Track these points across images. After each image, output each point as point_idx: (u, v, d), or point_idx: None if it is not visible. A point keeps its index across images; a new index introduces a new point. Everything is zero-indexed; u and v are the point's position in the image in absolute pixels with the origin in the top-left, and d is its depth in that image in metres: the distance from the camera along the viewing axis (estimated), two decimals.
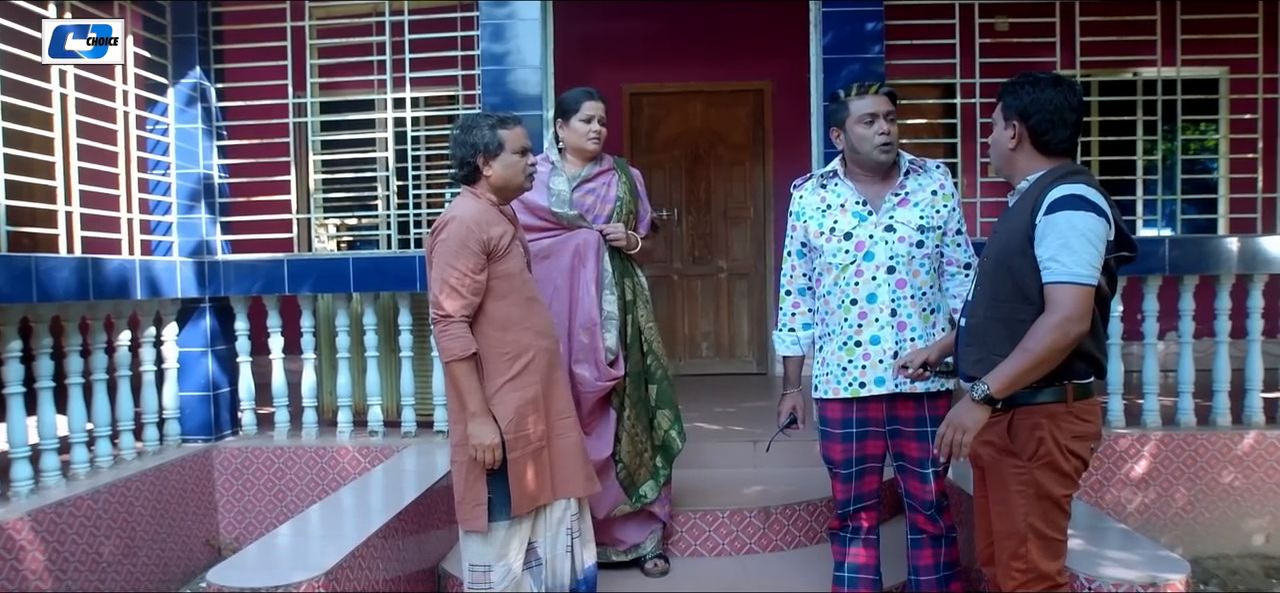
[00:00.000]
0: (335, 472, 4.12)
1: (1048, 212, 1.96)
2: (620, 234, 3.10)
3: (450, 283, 2.37)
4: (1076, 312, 1.91)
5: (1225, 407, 4.06)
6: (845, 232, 2.51)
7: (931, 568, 2.58)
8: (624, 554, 3.25)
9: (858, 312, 2.49)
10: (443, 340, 2.38)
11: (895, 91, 2.55)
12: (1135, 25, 4.14)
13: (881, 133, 2.46)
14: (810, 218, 2.58)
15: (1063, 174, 2.03)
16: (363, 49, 4.29)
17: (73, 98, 3.56)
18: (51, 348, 3.46)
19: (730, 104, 6.50)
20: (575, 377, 3.03)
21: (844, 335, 2.51)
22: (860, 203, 2.51)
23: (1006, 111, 2.11)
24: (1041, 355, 1.92)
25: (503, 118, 2.53)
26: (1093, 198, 1.95)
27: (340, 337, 4.27)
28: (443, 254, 2.39)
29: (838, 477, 2.59)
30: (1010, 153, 2.12)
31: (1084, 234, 1.92)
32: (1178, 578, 2.28)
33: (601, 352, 3.04)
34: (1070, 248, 1.91)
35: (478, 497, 2.43)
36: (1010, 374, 1.95)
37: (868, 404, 2.51)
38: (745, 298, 6.56)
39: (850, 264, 2.49)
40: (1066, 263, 1.92)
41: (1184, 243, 4.04)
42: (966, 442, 2.00)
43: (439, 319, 2.39)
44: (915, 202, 2.50)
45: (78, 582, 3.27)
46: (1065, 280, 1.92)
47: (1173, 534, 4.01)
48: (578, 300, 3.06)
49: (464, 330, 2.39)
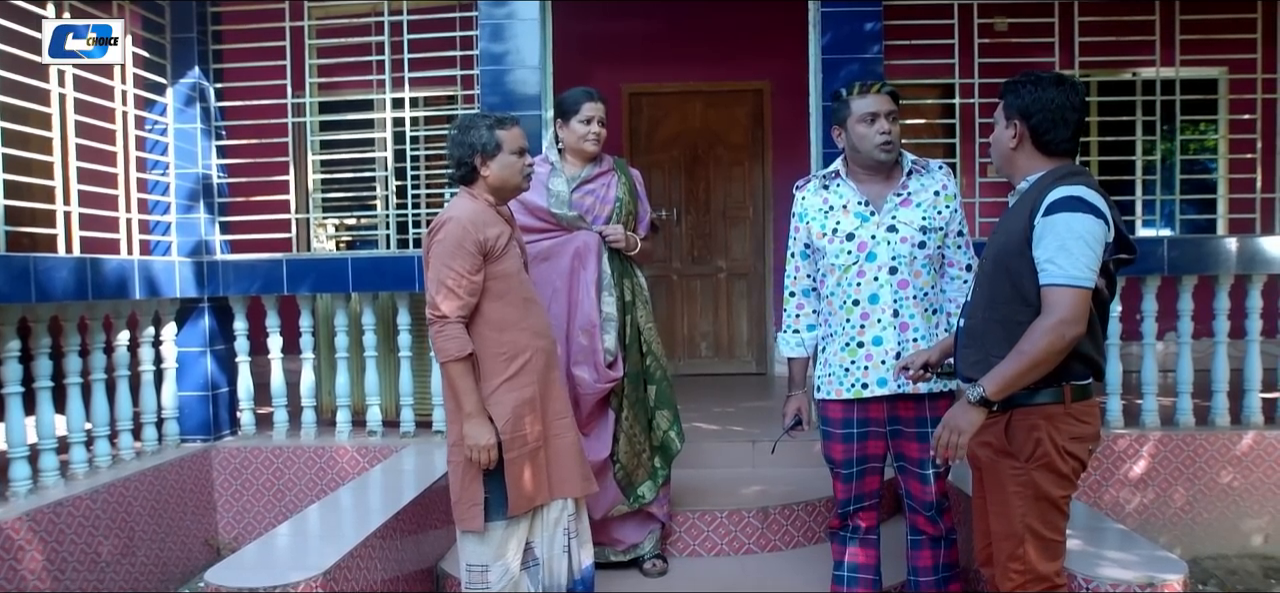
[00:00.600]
0: (334, 472, 4.12)
1: (1046, 213, 1.95)
2: (619, 236, 3.10)
3: (447, 284, 2.37)
4: (1072, 314, 1.90)
5: (1224, 407, 4.06)
6: (847, 232, 2.50)
7: (930, 569, 2.58)
8: (622, 555, 3.25)
9: (860, 313, 2.49)
10: (439, 341, 2.38)
11: (897, 91, 2.54)
12: (1134, 25, 4.14)
13: (882, 132, 2.45)
14: (813, 219, 2.58)
15: (1063, 175, 2.02)
16: (362, 49, 4.29)
17: (71, 98, 3.56)
18: (50, 348, 3.46)
19: (729, 104, 6.49)
20: (574, 379, 3.03)
21: (846, 336, 2.51)
22: (862, 203, 2.51)
23: (1008, 110, 2.10)
24: (1037, 358, 1.92)
25: (500, 118, 2.52)
26: (1092, 200, 1.95)
27: (339, 337, 4.27)
28: (439, 254, 2.39)
29: (839, 476, 2.59)
30: (1011, 152, 2.11)
31: (1082, 237, 1.91)
32: (1175, 578, 2.28)
33: (600, 354, 3.04)
34: (1067, 250, 1.91)
35: (474, 497, 2.43)
36: (1006, 376, 1.94)
37: (869, 405, 2.51)
38: (744, 298, 6.56)
39: (852, 265, 2.49)
40: (1063, 266, 1.91)
41: (1182, 243, 4.04)
42: (963, 444, 2.00)
43: (435, 320, 2.39)
44: (918, 202, 2.50)
45: (76, 582, 3.27)
46: (1062, 283, 1.91)
47: (1171, 535, 4.01)
48: (577, 302, 3.06)
49: (460, 331, 2.39)
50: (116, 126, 3.86)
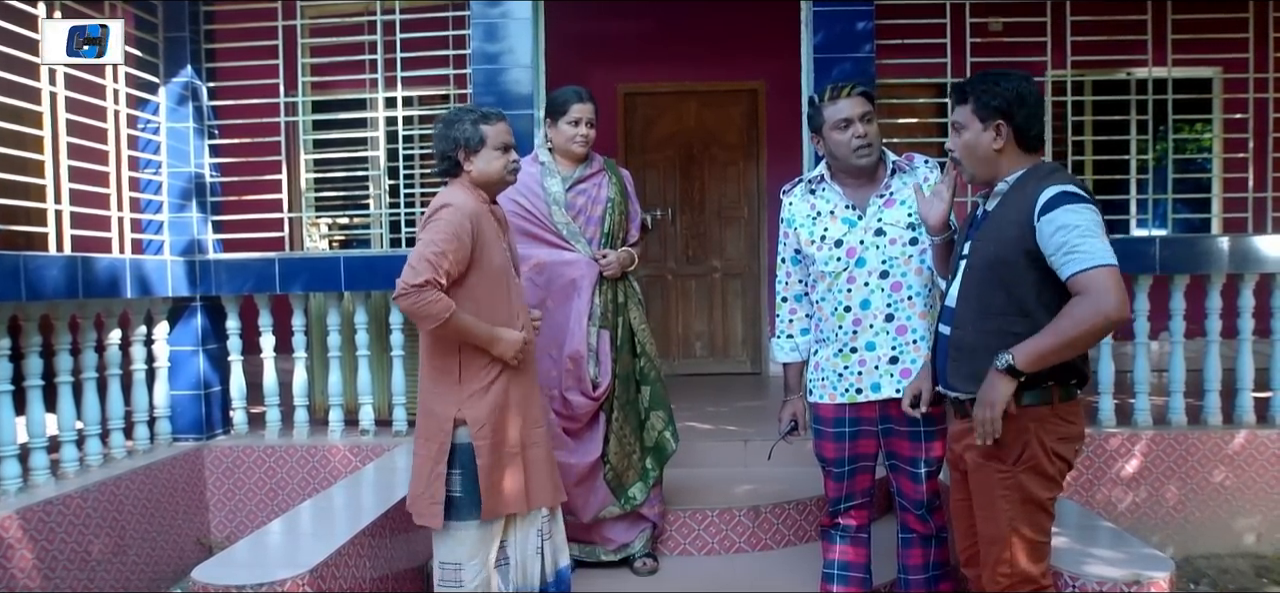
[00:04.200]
0: (326, 471, 4.12)
1: (1045, 211, 1.93)
2: (616, 267, 3.12)
3: (430, 258, 2.27)
4: (1115, 294, 1.84)
5: (1216, 406, 4.07)
6: (836, 239, 2.49)
7: (920, 568, 2.58)
8: (613, 554, 3.25)
9: (852, 319, 2.48)
10: (424, 307, 2.26)
11: (872, 91, 2.53)
12: (1127, 25, 4.14)
13: (857, 137, 2.42)
14: (800, 226, 2.56)
15: (1044, 173, 2.01)
16: (354, 48, 4.29)
17: (63, 96, 3.56)
18: (40, 346, 3.46)
19: (724, 104, 6.49)
20: (568, 401, 3.07)
21: (839, 342, 2.50)
22: (849, 207, 2.50)
23: (983, 112, 2.05)
24: (1076, 338, 1.88)
25: (485, 113, 2.48)
26: (1084, 194, 1.94)
27: (332, 336, 4.27)
28: (435, 229, 2.33)
29: (830, 475, 2.59)
30: (994, 154, 2.06)
31: (1095, 224, 1.90)
32: (1162, 576, 2.28)
33: (587, 381, 3.08)
34: (1087, 236, 1.88)
35: (436, 495, 2.38)
36: (1040, 350, 1.89)
37: (862, 405, 2.50)
38: (739, 298, 6.56)
39: (842, 272, 2.48)
40: (1088, 250, 1.87)
41: (1175, 242, 4.04)
42: (997, 416, 1.94)
43: (414, 288, 2.26)
44: (901, 200, 2.48)
45: (67, 581, 3.27)
46: (1093, 266, 1.86)
47: (1164, 534, 4.01)
48: (569, 331, 3.08)
49: (440, 293, 2.29)
50: (108, 125, 3.86)
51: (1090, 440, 3.96)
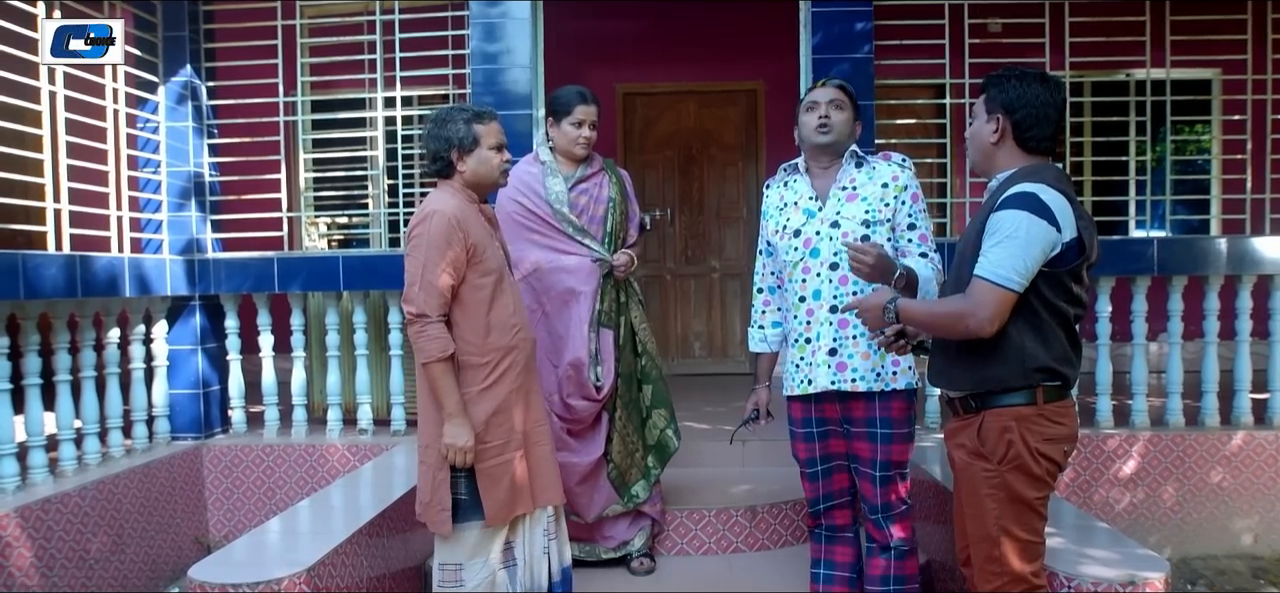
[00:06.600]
0: (325, 470, 4.12)
1: (998, 208, 1.94)
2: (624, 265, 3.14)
3: (427, 278, 2.31)
4: (984, 311, 1.90)
5: (1214, 407, 4.07)
6: (794, 229, 2.51)
7: (878, 579, 2.50)
8: (612, 551, 3.26)
9: (806, 308, 2.48)
10: (420, 341, 2.33)
11: (851, 89, 2.56)
12: (1126, 26, 4.14)
13: (820, 118, 2.48)
14: (770, 216, 2.60)
15: (1030, 173, 2.00)
16: (354, 48, 4.29)
17: (62, 95, 3.56)
18: (39, 345, 3.46)
19: (723, 104, 6.50)
20: (570, 406, 3.08)
21: (797, 332, 2.52)
22: (812, 198, 2.52)
23: (990, 104, 2.08)
24: (935, 323, 2.03)
25: (478, 112, 2.46)
26: (1046, 199, 1.90)
27: (330, 335, 4.27)
28: (423, 247, 2.32)
29: (805, 475, 2.60)
30: (991, 147, 2.08)
31: (1021, 237, 1.88)
32: (1157, 577, 2.28)
33: (588, 386, 3.09)
34: (1003, 247, 1.89)
35: (443, 501, 2.39)
36: (914, 312, 2.06)
37: (824, 404, 2.50)
38: (737, 297, 6.56)
39: (799, 262, 2.49)
40: (993, 260, 1.90)
41: (1172, 243, 4.04)
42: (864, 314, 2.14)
43: (414, 320, 2.33)
44: (863, 195, 2.48)
45: (65, 579, 3.27)
46: (985, 277, 1.91)
47: (1161, 534, 4.01)
48: (570, 336, 3.08)
49: (442, 330, 2.34)
50: (108, 125, 3.87)
51: (1088, 441, 3.97)
